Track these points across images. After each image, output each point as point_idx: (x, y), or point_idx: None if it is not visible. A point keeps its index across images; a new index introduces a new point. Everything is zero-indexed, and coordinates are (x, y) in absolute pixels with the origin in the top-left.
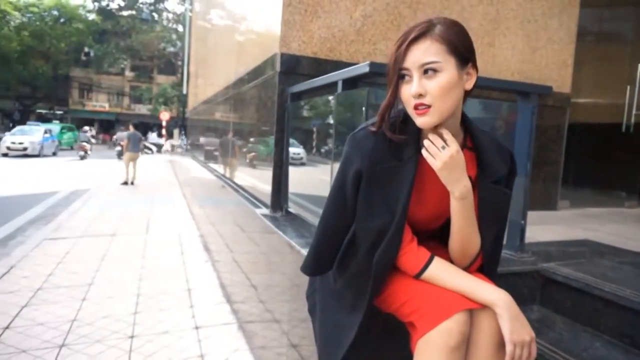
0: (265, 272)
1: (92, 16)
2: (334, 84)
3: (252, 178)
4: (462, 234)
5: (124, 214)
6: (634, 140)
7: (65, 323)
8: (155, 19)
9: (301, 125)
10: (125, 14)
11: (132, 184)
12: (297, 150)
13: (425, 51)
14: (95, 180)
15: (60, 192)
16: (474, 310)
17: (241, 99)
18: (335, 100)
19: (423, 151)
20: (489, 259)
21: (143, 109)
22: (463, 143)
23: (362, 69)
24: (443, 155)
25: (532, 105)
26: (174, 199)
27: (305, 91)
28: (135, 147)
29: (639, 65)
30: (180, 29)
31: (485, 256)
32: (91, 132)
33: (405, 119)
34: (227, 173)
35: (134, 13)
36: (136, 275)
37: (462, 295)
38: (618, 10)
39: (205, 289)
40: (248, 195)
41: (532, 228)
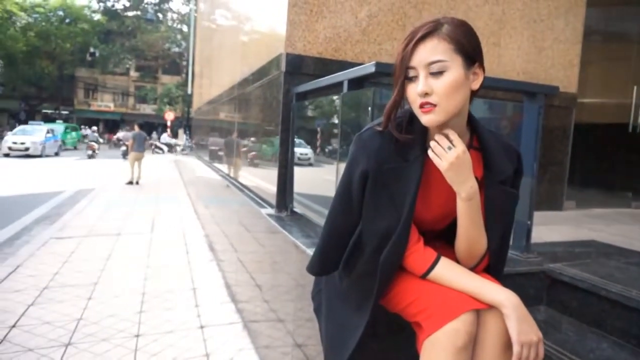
0: (270, 272)
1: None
2: (340, 84)
3: (257, 178)
4: (469, 235)
5: (129, 214)
6: None
7: (71, 322)
8: (160, 19)
9: (307, 125)
10: (130, 14)
11: (137, 184)
12: (305, 151)
13: (432, 50)
14: (100, 180)
15: (65, 192)
16: (481, 310)
17: (246, 99)
18: (340, 101)
19: (429, 152)
20: (496, 259)
21: (148, 109)
22: (469, 143)
23: (368, 69)
24: (449, 156)
25: (539, 106)
26: (178, 198)
27: (311, 91)
28: (140, 147)
29: None
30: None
31: (491, 256)
32: (95, 132)
33: (412, 118)
34: (232, 173)
35: (139, 13)
36: (141, 274)
37: (469, 296)
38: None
39: (210, 289)
40: (253, 195)
41: (538, 228)
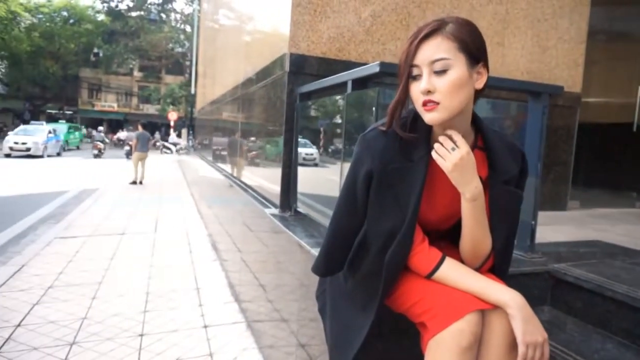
0: (274, 272)
1: (101, 17)
2: (344, 84)
3: (261, 178)
4: (473, 235)
5: (133, 213)
6: None
7: (76, 321)
8: (163, 19)
9: (311, 126)
10: (133, 14)
11: (141, 184)
12: (311, 151)
13: (436, 48)
14: (104, 179)
15: (69, 192)
16: (486, 310)
17: (250, 99)
18: (344, 101)
19: (433, 153)
20: (500, 259)
21: (151, 109)
22: (474, 143)
23: (372, 69)
24: (453, 156)
25: (543, 105)
26: (182, 198)
27: (315, 91)
28: (144, 147)
29: None
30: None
31: (496, 257)
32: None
33: (416, 118)
34: (236, 173)
35: (142, 14)
36: (145, 273)
37: (474, 296)
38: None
39: (213, 288)
40: (256, 195)
41: (542, 228)
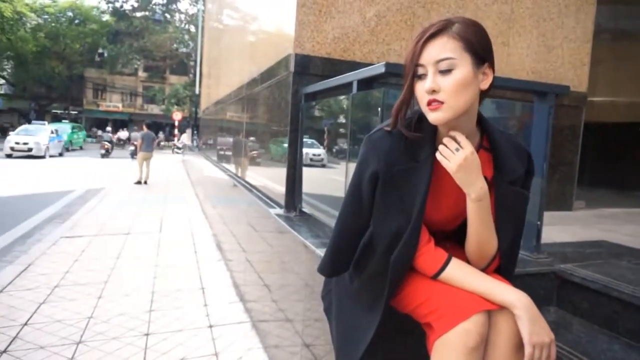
0: (278, 272)
1: (106, 17)
2: (349, 85)
3: (266, 178)
4: (479, 236)
5: (138, 213)
6: None
7: (82, 320)
8: (168, 19)
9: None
10: (138, 15)
11: (146, 184)
12: (318, 152)
13: (442, 48)
14: (109, 179)
15: (75, 191)
16: (492, 311)
17: (254, 99)
18: (350, 101)
19: (437, 154)
20: (506, 260)
21: (156, 109)
22: (479, 143)
23: (378, 69)
24: (457, 157)
25: (549, 105)
26: (186, 198)
27: (320, 91)
28: (148, 147)
29: None
30: (193, 29)
31: (502, 257)
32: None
33: (421, 118)
34: (240, 173)
35: (147, 14)
36: (150, 273)
37: (480, 297)
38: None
39: (218, 288)
40: (261, 195)
41: (548, 229)
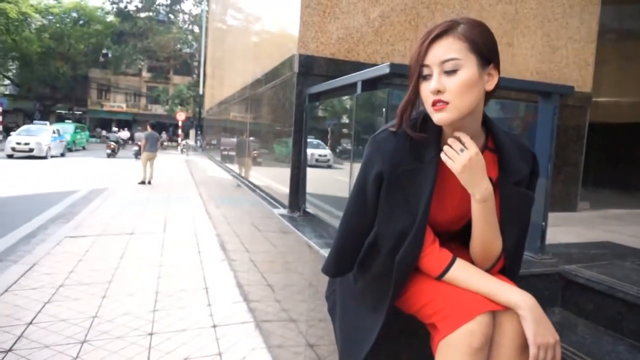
0: (282, 272)
1: (110, 18)
2: (353, 85)
3: (269, 178)
4: (484, 236)
5: (142, 213)
6: None
7: (87, 319)
8: (171, 20)
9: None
10: (142, 15)
11: (149, 184)
12: (324, 152)
13: (447, 48)
14: (113, 179)
15: (79, 191)
16: (497, 312)
17: (258, 100)
18: (354, 102)
19: (442, 155)
20: (511, 260)
21: (160, 109)
22: (484, 144)
23: (382, 69)
24: (462, 158)
25: (554, 106)
26: (190, 198)
27: (324, 92)
28: (152, 147)
29: None
30: (197, 30)
31: (507, 258)
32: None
33: (426, 119)
34: (244, 173)
35: (151, 14)
36: (154, 273)
37: (485, 297)
38: None
39: (222, 288)
40: (265, 195)
41: (552, 229)
